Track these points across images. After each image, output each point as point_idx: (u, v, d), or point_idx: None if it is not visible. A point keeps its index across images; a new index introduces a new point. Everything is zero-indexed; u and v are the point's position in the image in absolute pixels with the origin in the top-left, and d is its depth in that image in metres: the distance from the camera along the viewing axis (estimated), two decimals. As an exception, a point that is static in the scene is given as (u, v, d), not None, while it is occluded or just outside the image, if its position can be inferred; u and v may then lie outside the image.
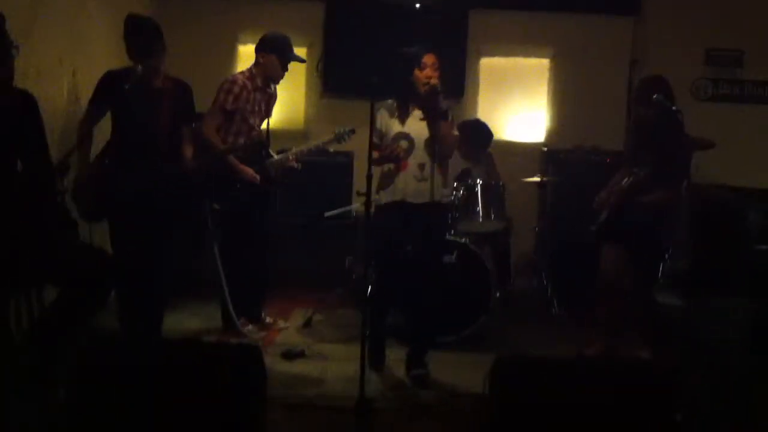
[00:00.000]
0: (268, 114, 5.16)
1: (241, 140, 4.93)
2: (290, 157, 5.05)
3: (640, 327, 4.91)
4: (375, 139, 4.30)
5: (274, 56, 5.01)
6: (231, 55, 7.10)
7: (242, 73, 5.08)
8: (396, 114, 4.45)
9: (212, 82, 7.03)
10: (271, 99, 5.17)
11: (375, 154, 4.20)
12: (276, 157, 5.08)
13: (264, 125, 5.16)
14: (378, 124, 4.40)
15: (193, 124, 4.71)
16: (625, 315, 4.82)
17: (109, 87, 4.37)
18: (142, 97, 4.32)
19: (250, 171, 4.90)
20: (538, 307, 6.00)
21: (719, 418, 3.56)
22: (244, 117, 4.97)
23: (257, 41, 5.13)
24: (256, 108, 5.02)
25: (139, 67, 4.27)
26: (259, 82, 5.03)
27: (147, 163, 4.33)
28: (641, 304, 4.85)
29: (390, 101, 4.47)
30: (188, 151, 4.50)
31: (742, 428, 3.56)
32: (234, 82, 4.97)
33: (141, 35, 4.40)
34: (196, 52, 6.81)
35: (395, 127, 4.43)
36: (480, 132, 6.07)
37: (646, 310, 4.85)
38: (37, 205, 3.54)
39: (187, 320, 5.36)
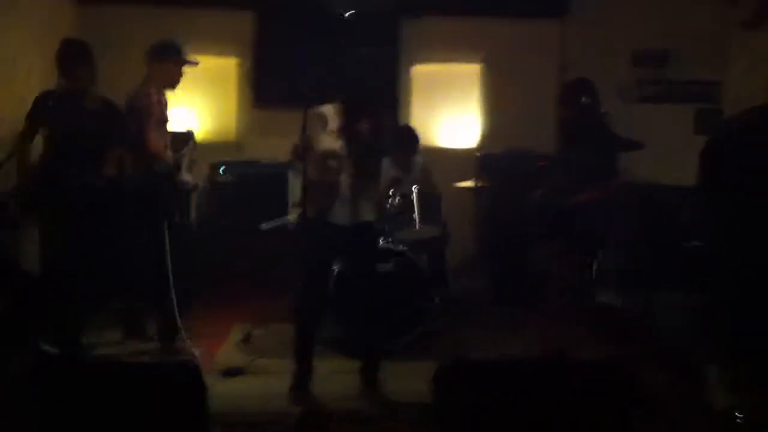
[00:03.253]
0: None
1: (166, 148, 4.94)
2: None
3: (582, 325, 4.97)
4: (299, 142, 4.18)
5: (172, 61, 5.03)
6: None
7: (147, 84, 4.96)
8: (330, 127, 4.20)
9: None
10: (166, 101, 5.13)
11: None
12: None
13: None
14: (308, 130, 4.17)
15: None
16: (567, 313, 4.89)
17: (41, 105, 4.70)
18: (71, 116, 4.62)
19: (188, 178, 4.99)
20: (478, 310, 6.01)
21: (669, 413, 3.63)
22: (163, 121, 4.96)
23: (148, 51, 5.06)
24: (167, 112, 5.02)
25: (66, 86, 4.64)
26: (161, 89, 4.99)
27: (75, 178, 4.56)
28: (579, 301, 4.92)
29: (323, 112, 4.22)
30: (112, 170, 4.71)
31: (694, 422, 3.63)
32: (157, 93, 4.92)
33: (69, 57, 4.73)
34: (122, 64, 6.66)
35: (325, 141, 4.20)
36: (406, 138, 6.06)
37: (585, 307, 4.93)
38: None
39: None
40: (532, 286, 5.74)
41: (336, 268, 4.90)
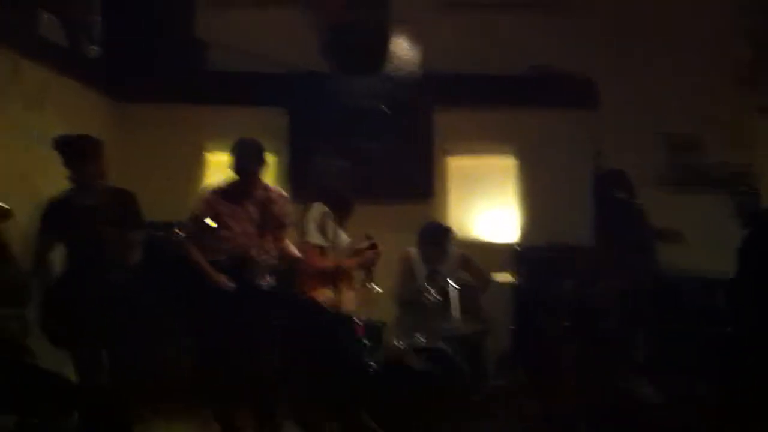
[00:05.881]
0: (266, 219, 5.02)
1: (224, 246, 4.90)
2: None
3: (615, 415, 4.90)
4: (324, 243, 4.46)
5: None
6: (199, 164, 7.12)
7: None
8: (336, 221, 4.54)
9: (181, 190, 7.05)
10: (267, 205, 5.04)
11: (349, 263, 4.47)
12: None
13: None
14: (327, 229, 4.48)
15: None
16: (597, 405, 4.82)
17: (53, 215, 4.55)
18: (84, 216, 4.46)
19: (219, 277, 4.83)
20: (517, 406, 5.90)
21: None
22: (223, 222, 4.92)
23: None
24: (241, 214, 4.96)
25: (72, 188, 4.51)
26: (237, 188, 4.99)
27: (97, 276, 4.44)
28: (612, 392, 4.85)
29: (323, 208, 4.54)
30: (132, 258, 4.58)
31: None
32: (210, 189, 5.07)
33: (72, 152, 4.53)
34: (163, 162, 6.83)
35: (342, 234, 4.54)
36: (434, 233, 6.00)
37: (617, 398, 4.86)
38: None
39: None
40: (567, 378, 5.66)
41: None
